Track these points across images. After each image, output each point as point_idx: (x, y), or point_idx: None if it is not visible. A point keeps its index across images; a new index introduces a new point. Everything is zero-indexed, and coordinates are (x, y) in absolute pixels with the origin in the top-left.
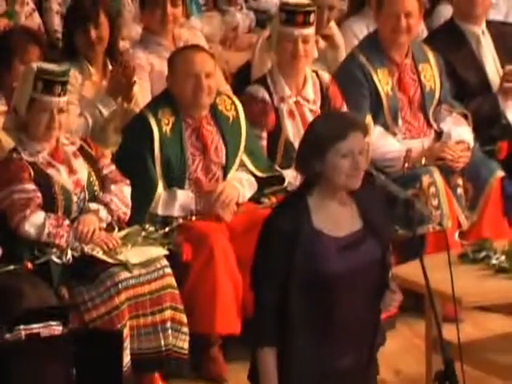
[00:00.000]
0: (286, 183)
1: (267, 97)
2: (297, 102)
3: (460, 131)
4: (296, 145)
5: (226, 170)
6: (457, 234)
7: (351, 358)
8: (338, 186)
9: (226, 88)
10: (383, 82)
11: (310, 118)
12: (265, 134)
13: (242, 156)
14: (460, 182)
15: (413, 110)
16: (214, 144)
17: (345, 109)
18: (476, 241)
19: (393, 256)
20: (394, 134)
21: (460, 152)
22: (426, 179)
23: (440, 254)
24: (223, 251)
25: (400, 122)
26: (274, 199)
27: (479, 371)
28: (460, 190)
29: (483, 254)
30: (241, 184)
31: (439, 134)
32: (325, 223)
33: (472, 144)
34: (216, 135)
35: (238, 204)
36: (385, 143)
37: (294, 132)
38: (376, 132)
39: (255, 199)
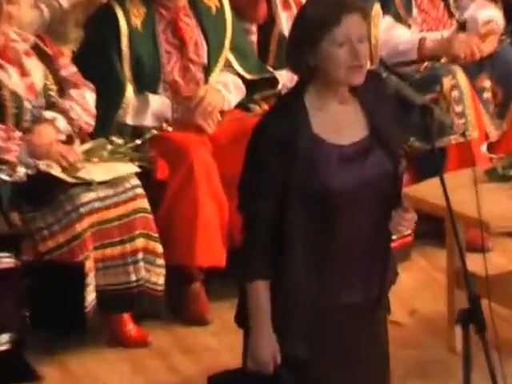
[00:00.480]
0: (279, 86)
1: None
2: None
3: (487, 13)
4: None
5: (207, 70)
6: (484, 147)
7: (357, 292)
8: (338, 81)
9: None
10: None
11: None
12: (254, 28)
13: (227, 54)
14: (488, 84)
15: None
16: (193, 40)
17: None
18: (507, 154)
19: (408, 173)
20: (409, 26)
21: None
22: (447, 81)
23: (464, 170)
24: (205, 167)
25: (415, 10)
26: (265, 106)
27: (510, 309)
28: (488, 94)
29: None
30: (226, 88)
31: (463, 26)
32: (326, 128)
33: (501, 23)
34: (195, 29)
35: (222, 112)
36: (394, 34)
37: (289, 25)
38: (384, 24)
39: (243, 106)
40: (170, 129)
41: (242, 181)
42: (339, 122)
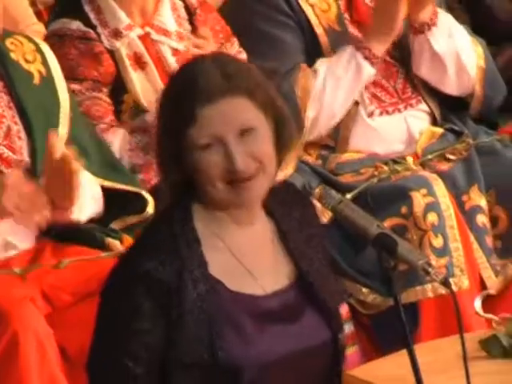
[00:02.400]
0: (149, 210)
1: (90, 30)
2: (144, 37)
3: None
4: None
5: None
6: (478, 302)
7: None
8: (217, 201)
9: (35, 27)
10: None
11: (173, 64)
12: (105, 97)
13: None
14: (483, 202)
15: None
16: (2, 128)
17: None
18: None
19: (359, 343)
20: None
21: None
22: (418, 197)
23: (446, 339)
24: (36, 339)
25: None
26: (128, 240)
27: None
28: (484, 219)
29: None
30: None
31: None
32: (229, 268)
33: None
34: (7, 110)
35: (61, 249)
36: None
37: (146, 92)
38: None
39: (96, 240)
40: None
41: (92, 356)
42: (247, 258)
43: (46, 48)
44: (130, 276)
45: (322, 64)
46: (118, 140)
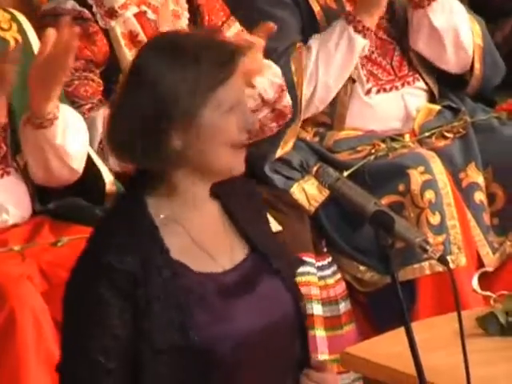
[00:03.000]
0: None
1: (85, 10)
2: (140, 15)
3: None
4: None
5: (12, 136)
6: (475, 279)
7: None
8: (214, 169)
9: None
10: None
11: None
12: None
13: None
14: (480, 179)
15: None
16: None
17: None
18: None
19: (356, 321)
20: None
21: None
22: (415, 175)
23: (443, 316)
24: (33, 316)
25: None
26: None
27: None
28: (481, 196)
29: None
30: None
31: None
32: (189, 249)
33: None
34: None
35: (58, 228)
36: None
37: None
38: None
39: (94, 220)
40: None
41: (65, 354)
42: (203, 238)
43: (22, 17)
44: (93, 270)
45: (314, 40)
46: (101, 118)
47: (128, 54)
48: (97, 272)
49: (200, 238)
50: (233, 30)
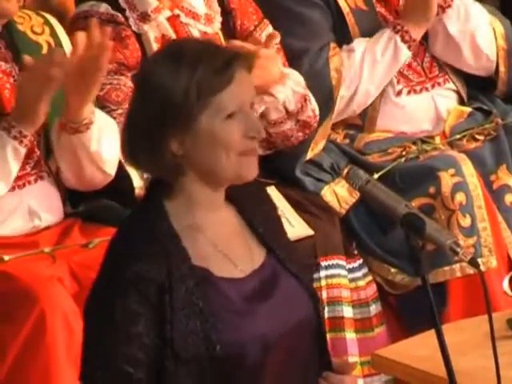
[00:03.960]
0: (136, 187)
1: (118, 14)
2: (173, 19)
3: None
4: None
5: (45, 143)
6: (506, 282)
7: None
8: (220, 176)
9: None
10: None
11: None
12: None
13: None
14: (511, 181)
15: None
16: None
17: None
18: None
19: (387, 323)
20: None
21: None
22: (446, 177)
23: (474, 318)
24: (63, 319)
25: None
26: None
27: None
28: (511, 198)
29: None
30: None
31: None
32: (209, 255)
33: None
34: (18, 77)
35: (90, 231)
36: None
37: None
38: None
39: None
40: (5, 257)
41: (86, 353)
42: (224, 243)
43: (54, 21)
44: (120, 280)
45: (359, 44)
46: None
47: None
48: (124, 282)
49: (220, 243)
50: (265, 34)
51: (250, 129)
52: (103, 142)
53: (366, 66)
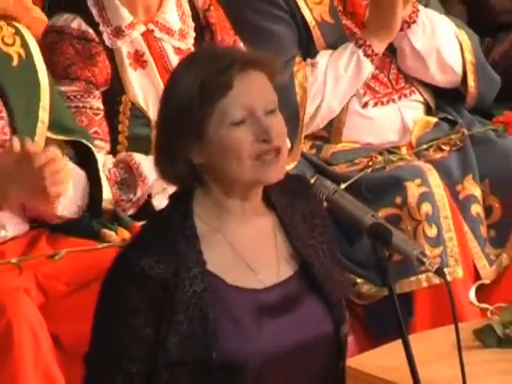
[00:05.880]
0: (154, 201)
1: (90, 30)
2: (147, 34)
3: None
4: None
5: None
6: (473, 292)
7: None
8: (240, 183)
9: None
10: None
11: (174, 62)
12: (94, 93)
13: (46, 130)
14: (477, 191)
15: None
16: None
17: (240, 46)
18: (510, 304)
19: (353, 334)
20: None
21: None
22: (412, 187)
23: (441, 328)
24: (30, 329)
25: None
26: (124, 232)
27: None
28: (477, 208)
29: None
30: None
31: None
32: (227, 263)
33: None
34: None
35: (56, 240)
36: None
37: (145, 91)
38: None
39: (91, 230)
40: None
41: (92, 347)
42: (248, 252)
43: (25, 31)
44: (126, 273)
45: (322, 57)
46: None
47: (132, 74)
48: (129, 275)
49: (243, 251)
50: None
51: (261, 133)
52: (69, 206)
53: (329, 82)
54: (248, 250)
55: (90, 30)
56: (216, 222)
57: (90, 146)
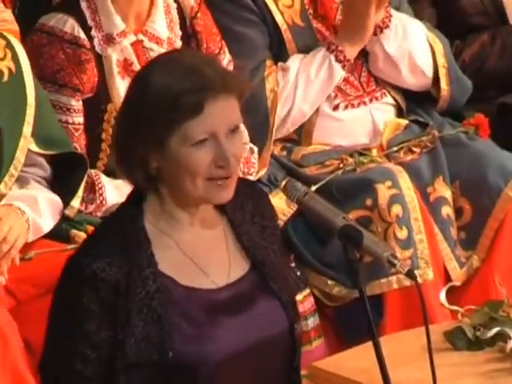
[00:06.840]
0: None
1: (82, 35)
2: (137, 44)
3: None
4: None
5: None
6: (443, 294)
7: None
8: (190, 197)
9: (2, 14)
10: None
11: None
12: (78, 106)
13: (29, 145)
14: (448, 193)
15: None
16: None
17: (225, 54)
18: (480, 306)
19: (325, 336)
20: None
21: None
22: (383, 190)
23: (411, 331)
24: (1, 333)
25: None
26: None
27: None
28: (448, 210)
29: (494, 330)
30: (33, 208)
31: None
32: (180, 263)
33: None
34: None
35: (26, 244)
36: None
37: None
38: (290, 80)
39: (61, 232)
40: None
41: (46, 352)
42: (199, 255)
43: (16, 42)
44: (78, 277)
45: (294, 63)
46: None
47: (120, 83)
48: (80, 278)
49: (194, 254)
50: (227, 55)
51: (219, 158)
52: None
53: (301, 86)
54: (199, 253)
55: (82, 36)
56: (166, 227)
57: (84, 156)
